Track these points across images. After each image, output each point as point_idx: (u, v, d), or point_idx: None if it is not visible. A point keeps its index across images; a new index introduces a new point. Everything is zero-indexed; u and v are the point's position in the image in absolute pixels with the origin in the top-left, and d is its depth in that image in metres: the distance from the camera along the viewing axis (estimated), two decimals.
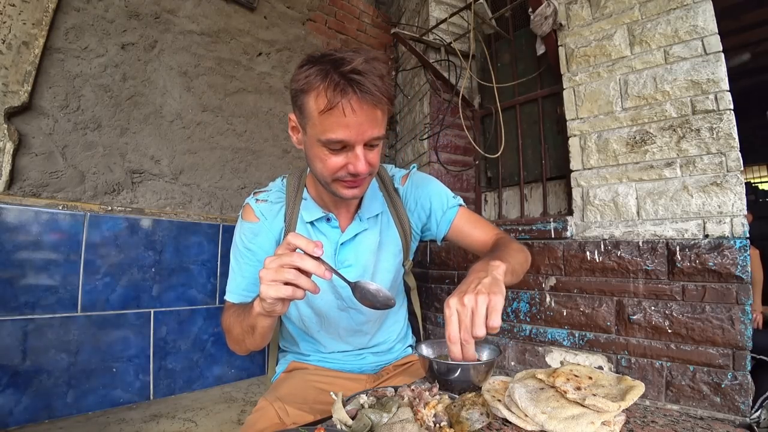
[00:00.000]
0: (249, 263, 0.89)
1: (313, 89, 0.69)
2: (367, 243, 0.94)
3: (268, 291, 0.59)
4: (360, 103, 0.67)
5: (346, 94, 0.67)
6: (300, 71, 0.72)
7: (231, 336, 0.83)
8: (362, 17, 2.63)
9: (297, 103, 0.74)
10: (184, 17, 1.80)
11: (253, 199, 0.93)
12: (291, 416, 0.82)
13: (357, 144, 0.71)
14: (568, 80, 1.62)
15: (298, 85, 0.71)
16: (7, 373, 1.24)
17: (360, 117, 0.68)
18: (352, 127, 0.69)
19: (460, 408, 0.57)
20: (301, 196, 0.92)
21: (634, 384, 0.57)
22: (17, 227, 1.30)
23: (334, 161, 0.74)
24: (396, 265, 1.00)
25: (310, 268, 0.59)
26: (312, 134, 0.73)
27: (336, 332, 0.97)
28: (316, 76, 0.68)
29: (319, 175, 0.79)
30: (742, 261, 1.20)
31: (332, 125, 0.69)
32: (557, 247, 1.59)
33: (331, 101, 0.66)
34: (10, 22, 1.33)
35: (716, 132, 1.27)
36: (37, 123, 1.41)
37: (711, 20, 1.29)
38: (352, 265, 0.92)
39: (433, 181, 1.02)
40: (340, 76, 0.67)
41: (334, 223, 0.91)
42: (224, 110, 1.92)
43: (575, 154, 1.58)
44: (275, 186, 0.97)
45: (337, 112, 0.67)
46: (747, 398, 1.17)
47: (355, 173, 0.74)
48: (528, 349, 1.66)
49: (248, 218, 0.91)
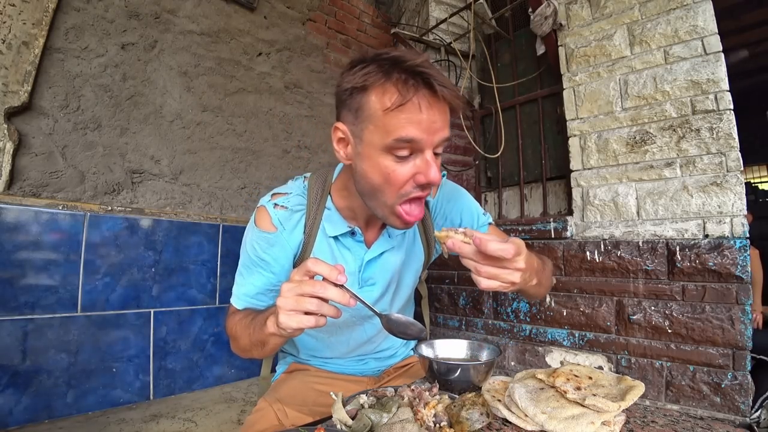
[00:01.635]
0: (260, 273, 0.82)
1: (376, 85, 0.62)
2: (393, 260, 0.87)
3: (289, 322, 0.55)
4: (433, 99, 0.61)
5: (419, 89, 0.60)
6: (352, 71, 0.64)
7: (237, 344, 0.78)
8: (362, 17, 2.63)
9: (351, 106, 0.66)
10: (184, 17, 1.80)
11: (270, 204, 0.81)
12: (290, 418, 0.82)
13: (427, 147, 0.63)
14: (568, 80, 1.62)
15: (354, 82, 0.63)
16: (7, 373, 1.24)
17: (433, 114, 0.62)
18: (423, 124, 0.61)
19: (460, 408, 0.57)
20: (324, 204, 0.82)
21: (634, 384, 0.57)
22: (17, 227, 1.30)
23: (400, 172, 0.64)
24: (416, 279, 0.97)
25: (333, 297, 0.54)
26: (372, 140, 0.64)
27: (346, 343, 0.95)
28: (378, 72, 0.62)
29: (377, 194, 0.68)
30: (742, 261, 1.20)
31: (402, 123, 0.61)
32: (557, 247, 1.59)
33: (403, 95, 0.59)
34: (10, 22, 1.33)
35: (716, 132, 1.27)
36: (37, 123, 1.41)
37: (711, 20, 1.29)
38: (376, 283, 0.86)
39: (463, 195, 0.95)
40: (408, 70, 0.60)
41: (359, 237, 0.83)
42: (224, 110, 1.92)
43: (575, 154, 1.58)
44: (296, 189, 0.84)
45: (410, 108, 0.60)
46: (747, 398, 1.17)
47: (426, 183, 0.65)
48: (528, 349, 1.66)
49: (264, 226, 0.81)
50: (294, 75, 2.22)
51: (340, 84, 0.68)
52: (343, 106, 0.68)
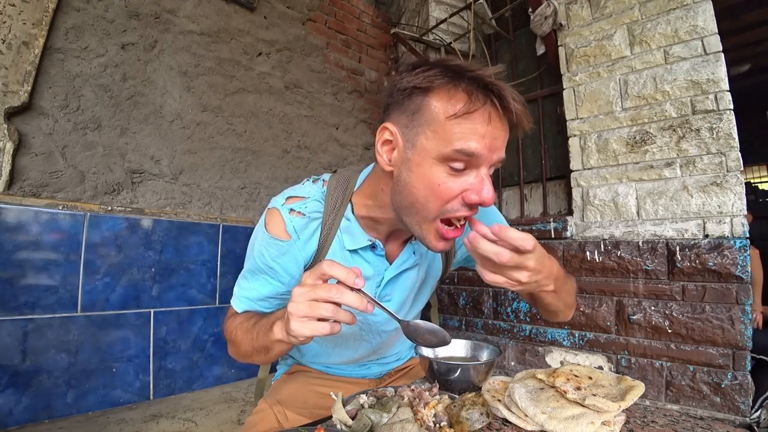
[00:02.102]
0: (266, 280, 0.76)
1: (442, 88, 0.57)
2: (412, 278, 0.81)
3: (302, 330, 0.51)
4: (500, 114, 0.56)
5: (489, 99, 0.55)
6: (414, 71, 0.59)
7: (237, 350, 0.74)
8: (362, 17, 2.63)
9: (408, 107, 0.60)
10: (184, 17, 1.80)
11: (285, 208, 0.73)
12: (290, 420, 0.82)
13: (485, 164, 0.58)
14: (568, 80, 1.62)
15: (417, 82, 0.58)
16: (7, 373, 1.24)
17: (497, 130, 0.57)
18: (487, 138, 0.56)
19: (460, 408, 0.57)
20: (344, 213, 0.75)
21: (634, 384, 0.57)
22: (17, 227, 1.30)
23: (449, 187, 0.58)
24: (430, 295, 0.94)
25: (350, 302, 0.51)
26: (429, 147, 0.58)
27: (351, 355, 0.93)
28: (445, 76, 0.56)
29: (420, 208, 0.61)
30: (742, 261, 1.20)
31: (465, 133, 0.55)
32: (557, 247, 1.59)
33: (473, 103, 0.55)
34: (10, 22, 1.33)
35: (716, 132, 1.27)
36: (37, 123, 1.41)
37: (711, 20, 1.29)
38: (392, 300, 0.81)
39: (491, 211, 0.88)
40: (477, 79, 0.56)
41: (380, 251, 0.76)
42: (224, 110, 1.92)
43: (575, 154, 1.59)
44: (313, 193, 0.76)
45: (477, 118, 0.55)
46: (747, 398, 1.17)
47: (477, 203, 0.59)
48: (528, 349, 1.66)
49: (276, 233, 0.73)
50: (294, 75, 2.22)
51: (396, 83, 0.62)
52: (398, 106, 0.62)
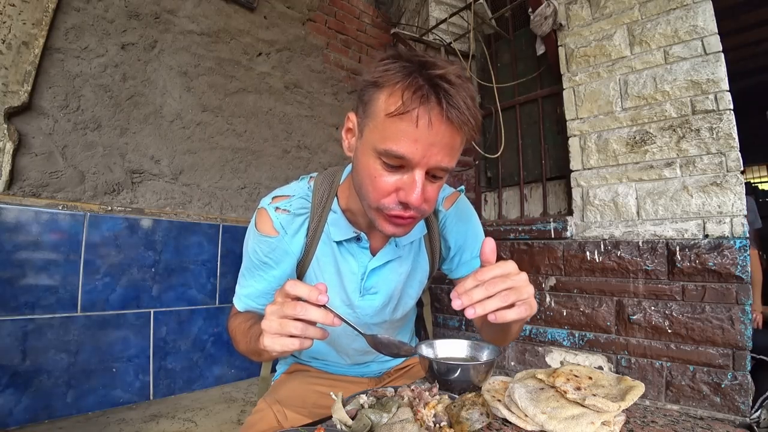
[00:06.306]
0: (261, 276, 0.81)
1: (388, 85, 0.58)
2: (398, 271, 0.84)
3: (273, 345, 0.54)
4: (441, 117, 0.56)
5: (428, 102, 0.55)
6: (379, 63, 0.60)
7: (238, 347, 0.78)
8: (362, 17, 2.63)
9: (363, 98, 0.62)
10: (184, 17, 1.80)
11: (272, 207, 0.78)
12: (290, 420, 0.82)
13: (418, 167, 0.59)
14: (568, 80, 1.62)
15: (373, 76, 0.60)
16: (7, 373, 1.24)
17: (434, 135, 0.56)
18: (420, 143, 0.56)
19: (460, 408, 0.57)
20: (330, 207, 0.79)
21: (634, 384, 0.57)
22: (17, 227, 1.30)
23: (385, 181, 0.61)
24: (420, 291, 0.95)
25: (316, 318, 0.53)
26: (369, 139, 0.61)
27: (345, 352, 0.94)
28: (397, 72, 0.57)
29: (363, 195, 0.66)
30: (742, 261, 1.20)
31: (397, 134, 0.57)
32: (557, 247, 1.59)
33: (406, 104, 0.55)
34: (10, 22, 1.33)
35: (716, 132, 1.27)
36: (37, 123, 1.41)
37: (711, 20, 1.29)
38: (378, 292, 0.83)
39: (473, 220, 0.91)
40: (427, 79, 0.56)
41: (364, 244, 0.79)
42: (224, 110, 1.92)
43: (575, 154, 1.59)
44: (299, 191, 0.81)
45: (408, 120, 0.55)
46: (747, 398, 1.17)
47: (405, 203, 0.61)
48: (528, 349, 1.66)
49: (264, 230, 0.78)
50: (294, 75, 2.22)
51: (365, 73, 0.64)
52: (359, 96, 0.64)
